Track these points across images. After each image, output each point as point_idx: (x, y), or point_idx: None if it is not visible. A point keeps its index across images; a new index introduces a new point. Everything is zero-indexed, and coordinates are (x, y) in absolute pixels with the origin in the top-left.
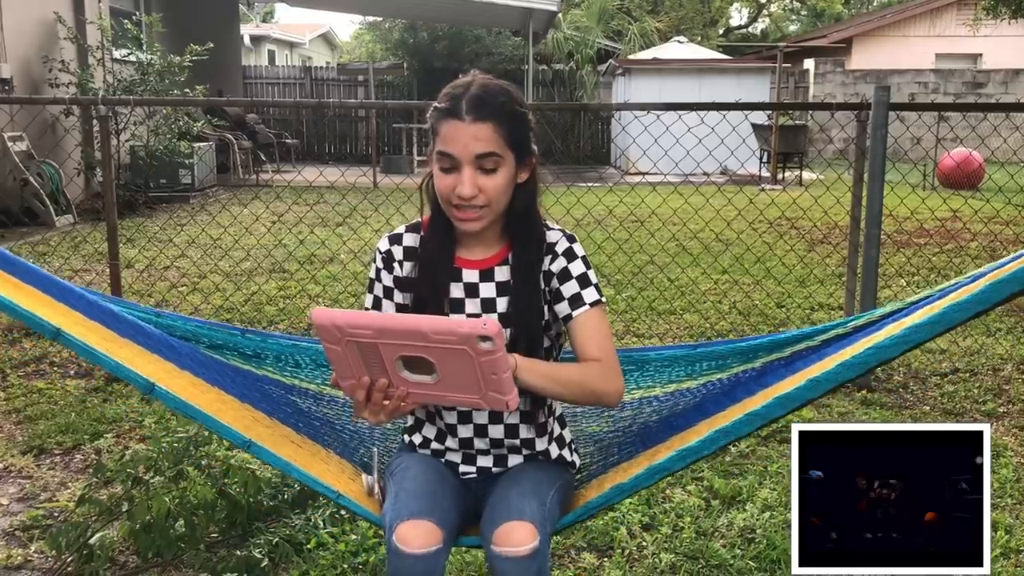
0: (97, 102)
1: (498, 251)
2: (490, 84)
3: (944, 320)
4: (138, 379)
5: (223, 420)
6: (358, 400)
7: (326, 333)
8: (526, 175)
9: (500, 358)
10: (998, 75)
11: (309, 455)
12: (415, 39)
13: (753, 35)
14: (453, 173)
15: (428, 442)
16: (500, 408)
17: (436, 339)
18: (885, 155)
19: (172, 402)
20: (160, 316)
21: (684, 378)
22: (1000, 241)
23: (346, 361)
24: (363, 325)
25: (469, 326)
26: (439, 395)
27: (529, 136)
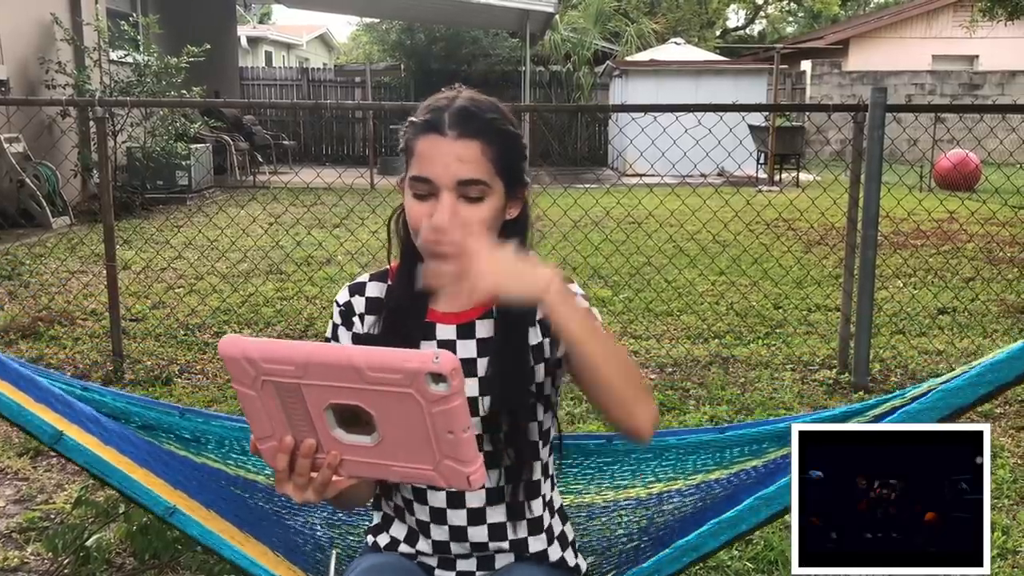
0: (94, 103)
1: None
2: (479, 98)
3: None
4: (44, 426)
5: (144, 483)
6: (279, 469)
7: (236, 369)
8: (516, 210)
9: (457, 408)
10: (994, 77)
11: (254, 551)
12: (412, 40)
13: (750, 36)
14: (429, 200)
15: (396, 543)
16: (460, 485)
17: (374, 378)
18: (882, 156)
19: (82, 456)
20: (87, 390)
21: (713, 467)
22: (996, 242)
23: (264, 412)
24: (282, 359)
25: (417, 360)
26: (381, 464)
27: (522, 164)
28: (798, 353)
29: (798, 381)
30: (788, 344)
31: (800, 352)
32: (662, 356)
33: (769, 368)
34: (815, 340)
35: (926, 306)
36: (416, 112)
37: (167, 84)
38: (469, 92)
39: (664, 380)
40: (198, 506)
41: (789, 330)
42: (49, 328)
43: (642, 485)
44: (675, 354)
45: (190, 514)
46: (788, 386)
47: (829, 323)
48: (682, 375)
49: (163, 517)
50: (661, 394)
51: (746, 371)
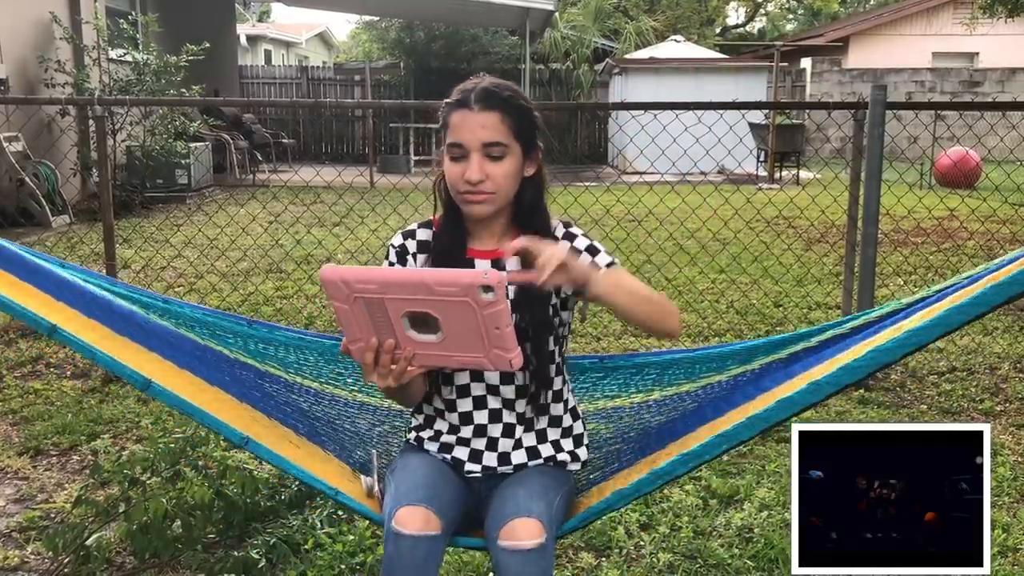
0: (93, 102)
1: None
2: (499, 81)
3: (944, 323)
4: (134, 376)
5: (220, 417)
6: (366, 363)
7: (335, 290)
8: (533, 169)
9: (502, 310)
10: (995, 74)
11: (307, 455)
12: (412, 39)
13: (750, 34)
14: (462, 162)
15: (439, 435)
16: (504, 367)
17: (439, 291)
18: (882, 154)
19: (169, 399)
20: (168, 303)
21: (683, 381)
22: (997, 240)
23: (354, 321)
24: (369, 279)
25: (471, 276)
26: (445, 355)
27: (535, 131)
28: None
29: None
30: None
31: None
32: None
33: None
34: None
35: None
36: (450, 95)
37: (166, 83)
38: (491, 78)
39: None
40: (262, 416)
41: (790, 328)
42: None
43: (626, 396)
44: None
45: (260, 442)
46: None
47: (829, 321)
48: None
49: (239, 445)
50: None
51: None
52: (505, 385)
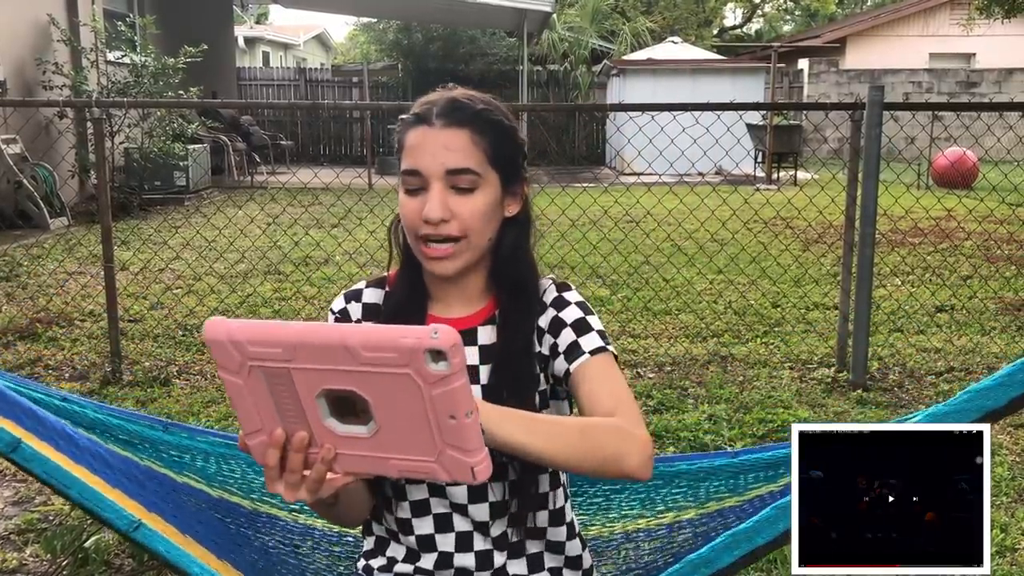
0: (91, 104)
1: (483, 307)
2: (471, 93)
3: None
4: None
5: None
6: (269, 465)
7: (222, 354)
8: (516, 208)
9: (458, 390)
10: (991, 74)
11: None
12: (410, 40)
13: (747, 35)
14: (420, 194)
15: (393, 563)
16: (464, 478)
17: (368, 359)
18: (879, 154)
19: (42, 466)
20: (67, 401)
21: (726, 495)
22: (994, 240)
23: (252, 402)
24: (270, 340)
25: (414, 336)
26: (378, 458)
27: (518, 158)
28: (796, 351)
29: (796, 379)
30: (786, 342)
31: (798, 350)
32: (660, 355)
33: (767, 367)
34: (813, 338)
35: (924, 304)
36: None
37: (164, 85)
38: (462, 89)
39: (662, 379)
40: (173, 529)
41: (787, 328)
42: (47, 330)
43: (652, 515)
44: (673, 353)
45: (157, 530)
46: (786, 384)
47: (827, 321)
48: (680, 374)
49: (127, 532)
50: (660, 393)
51: (744, 370)
52: (475, 504)
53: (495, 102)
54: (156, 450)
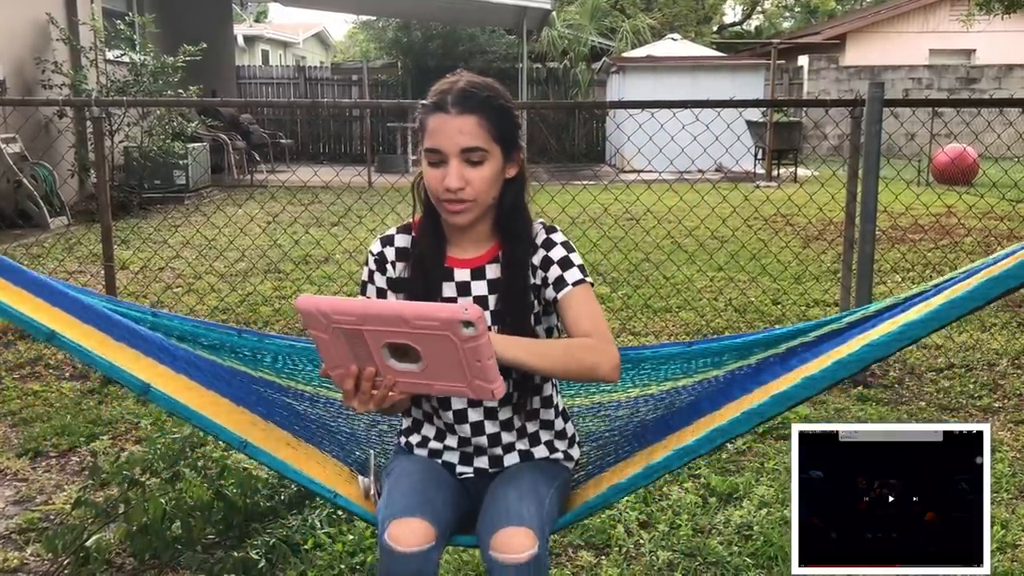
0: (91, 103)
1: (488, 249)
2: (476, 80)
3: (939, 317)
4: (133, 380)
5: (218, 421)
6: (347, 389)
7: (312, 320)
8: (514, 171)
9: (483, 344)
10: (991, 70)
11: (305, 457)
12: (409, 38)
13: (747, 32)
14: (441, 167)
15: (427, 441)
16: (486, 397)
17: (418, 325)
18: (879, 151)
19: (168, 403)
20: (157, 316)
21: (680, 376)
22: (995, 236)
23: (333, 349)
24: (347, 311)
25: (450, 311)
26: (426, 384)
27: (516, 132)
28: None
29: None
30: None
31: None
32: None
33: None
34: None
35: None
36: (427, 95)
37: (164, 83)
38: (469, 76)
39: None
40: (259, 419)
41: (788, 325)
42: None
43: (622, 391)
44: None
45: (259, 445)
46: None
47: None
48: None
49: (238, 449)
50: None
51: None
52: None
53: (497, 87)
54: (234, 352)
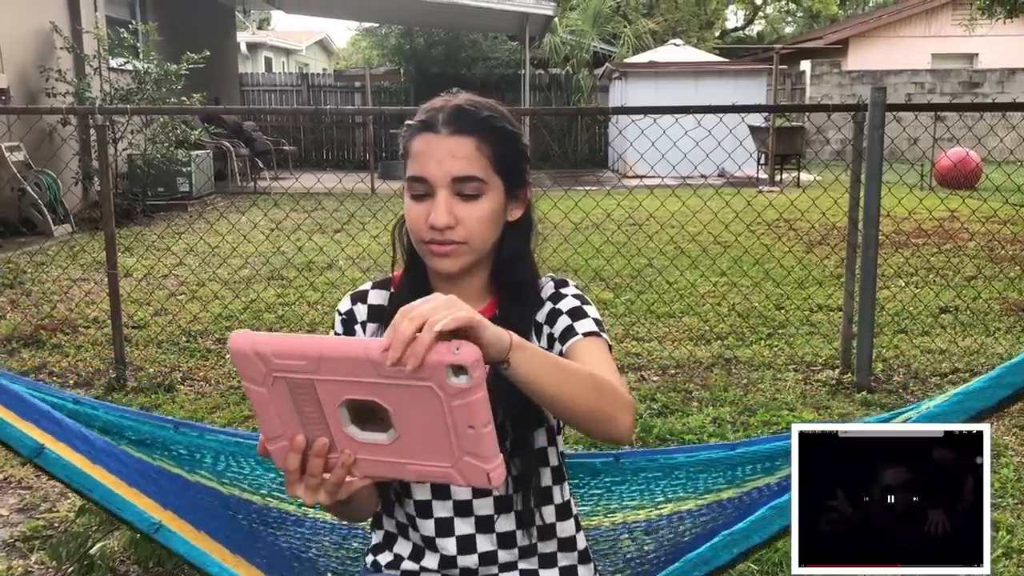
0: (94, 111)
1: (484, 307)
2: (476, 99)
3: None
4: (25, 440)
5: (131, 500)
6: (290, 470)
7: (246, 365)
8: (519, 212)
9: (478, 401)
10: (994, 75)
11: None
12: (412, 45)
13: (749, 37)
14: (426, 200)
15: (399, 561)
16: (480, 483)
17: (392, 371)
18: (882, 156)
19: (65, 471)
20: (79, 403)
21: (724, 487)
22: (998, 240)
23: (274, 410)
24: (294, 352)
25: (437, 352)
26: (397, 463)
27: (522, 164)
28: (801, 354)
29: (801, 382)
30: (790, 345)
31: (803, 353)
32: (664, 358)
33: (772, 369)
34: (817, 340)
35: (928, 305)
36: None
37: (167, 91)
38: (467, 95)
39: (666, 382)
40: (187, 526)
41: (791, 331)
42: (51, 336)
43: (652, 506)
44: (677, 356)
45: (176, 531)
46: (791, 387)
47: (831, 323)
48: (684, 377)
49: (148, 533)
50: (663, 396)
51: (749, 372)
52: (479, 498)
53: (500, 108)
54: (167, 449)
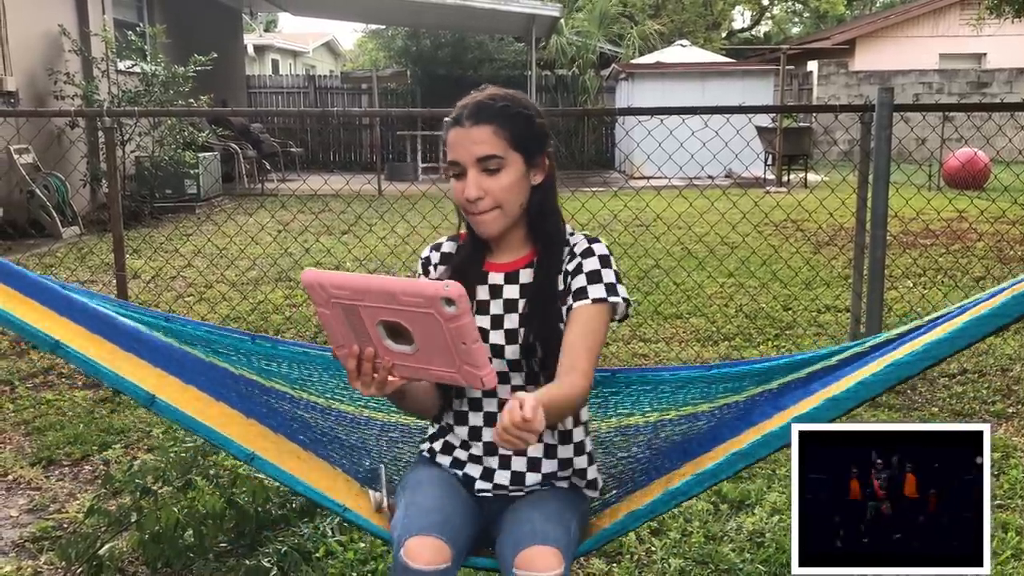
0: (102, 113)
1: (525, 255)
2: (497, 92)
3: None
4: (138, 391)
5: (226, 433)
6: (350, 369)
7: (314, 294)
8: (540, 177)
9: (466, 325)
10: (1002, 74)
11: (315, 470)
12: (418, 46)
13: (756, 38)
14: (462, 179)
15: (451, 448)
16: (476, 385)
17: (406, 301)
18: (890, 156)
19: (174, 415)
20: (170, 321)
21: (700, 401)
22: (1007, 240)
23: (336, 326)
24: (343, 285)
25: (433, 288)
26: (421, 367)
27: (539, 137)
28: None
29: None
30: (798, 346)
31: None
32: (672, 359)
33: None
34: (825, 341)
35: (936, 306)
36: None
37: (175, 93)
38: (491, 89)
39: None
40: (268, 431)
41: (799, 332)
42: None
43: (640, 414)
44: (685, 357)
45: (265, 455)
46: None
47: (839, 324)
48: None
49: (244, 461)
50: None
51: None
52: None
53: (517, 96)
54: (248, 359)
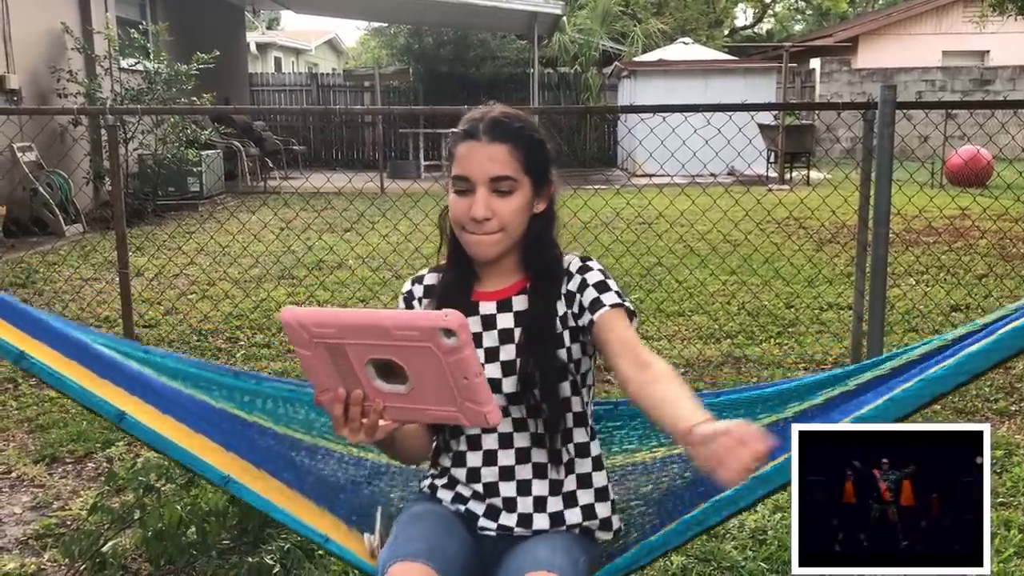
0: (105, 111)
1: (515, 281)
2: (510, 111)
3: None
4: (107, 407)
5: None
6: (336, 416)
7: (294, 335)
8: (543, 205)
9: (467, 357)
10: (1005, 72)
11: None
12: (420, 44)
13: (758, 35)
14: (467, 196)
15: (454, 483)
16: (480, 423)
17: (399, 335)
18: (892, 154)
19: (144, 434)
20: (148, 353)
21: None
22: (1009, 238)
23: (319, 369)
24: (325, 323)
25: (430, 319)
26: (416, 408)
27: (547, 166)
28: (811, 352)
29: None
30: (800, 343)
31: (813, 351)
32: (674, 356)
33: (781, 367)
34: (828, 339)
35: (939, 303)
36: (458, 124)
37: (177, 91)
38: (501, 107)
39: None
40: (250, 466)
41: (801, 329)
42: None
43: (647, 450)
44: (687, 354)
45: (243, 482)
46: None
47: (841, 322)
48: (694, 375)
49: (219, 485)
50: None
51: (758, 371)
52: (519, 432)
53: (529, 119)
54: (229, 393)
